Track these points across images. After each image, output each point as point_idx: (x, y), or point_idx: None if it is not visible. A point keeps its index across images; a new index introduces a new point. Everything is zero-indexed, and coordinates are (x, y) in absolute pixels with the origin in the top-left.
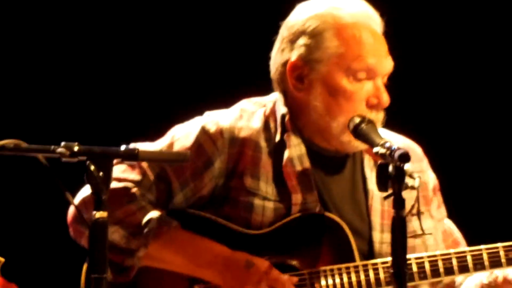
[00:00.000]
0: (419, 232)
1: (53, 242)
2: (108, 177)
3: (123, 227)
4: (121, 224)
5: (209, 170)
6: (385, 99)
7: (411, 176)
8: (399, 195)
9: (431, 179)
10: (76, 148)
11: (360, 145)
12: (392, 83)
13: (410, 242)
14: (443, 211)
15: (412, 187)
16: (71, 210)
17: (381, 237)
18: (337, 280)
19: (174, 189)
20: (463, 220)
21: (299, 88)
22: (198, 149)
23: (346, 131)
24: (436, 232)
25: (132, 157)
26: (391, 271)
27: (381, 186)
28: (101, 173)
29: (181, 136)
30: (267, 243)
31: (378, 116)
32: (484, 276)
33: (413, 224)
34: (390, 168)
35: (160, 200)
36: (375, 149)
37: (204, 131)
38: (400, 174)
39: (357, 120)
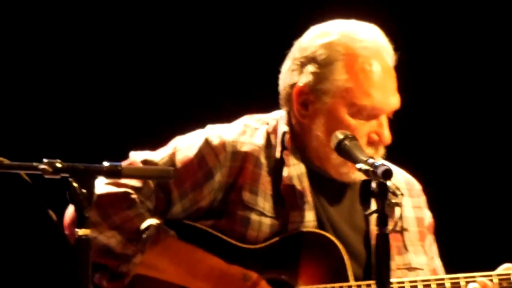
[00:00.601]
0: (413, 265)
1: (37, 258)
2: (91, 194)
3: (120, 232)
4: (118, 229)
5: (209, 183)
6: (386, 137)
7: (394, 193)
8: (383, 211)
9: (427, 217)
10: (58, 165)
11: (358, 176)
12: (395, 117)
13: (403, 273)
14: (434, 249)
15: (396, 204)
16: (69, 212)
17: None
18: None
19: (173, 199)
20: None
21: (303, 115)
22: (200, 160)
23: (345, 163)
24: (429, 268)
25: (115, 174)
26: None
27: (364, 203)
28: (84, 190)
29: (184, 147)
30: (261, 258)
31: (378, 152)
32: None
33: (408, 257)
34: (373, 184)
35: (159, 209)
36: (358, 166)
37: (207, 143)
38: (383, 190)
39: (340, 136)
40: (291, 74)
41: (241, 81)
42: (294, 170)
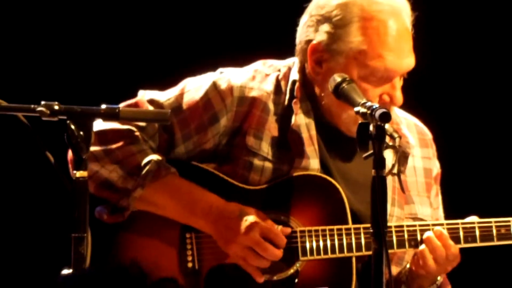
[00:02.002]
0: (419, 215)
1: (34, 200)
2: (88, 137)
3: (121, 167)
4: (120, 164)
5: (213, 126)
6: (398, 98)
7: (391, 135)
8: (379, 154)
9: (436, 167)
10: (56, 107)
11: None
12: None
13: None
14: (439, 200)
15: (393, 147)
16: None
17: (392, 210)
18: (328, 241)
19: (177, 140)
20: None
21: (317, 72)
22: (206, 103)
23: (356, 123)
24: (430, 220)
25: (113, 116)
26: (371, 231)
27: (362, 146)
28: (81, 133)
29: (192, 88)
30: (262, 199)
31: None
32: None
33: (415, 207)
34: (371, 127)
35: (161, 149)
36: (356, 109)
37: (214, 87)
38: (381, 133)
39: (338, 79)
40: (307, 30)
41: (259, 26)
42: (303, 118)
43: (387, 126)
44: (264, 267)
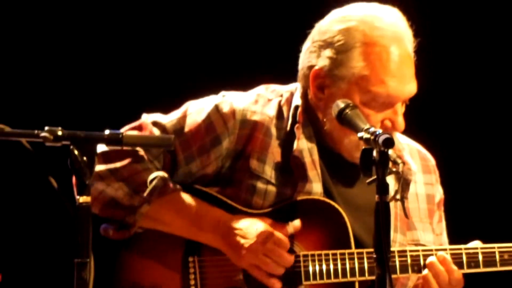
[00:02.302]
0: (421, 241)
1: (38, 225)
2: (92, 162)
3: (127, 184)
4: (125, 181)
5: (216, 148)
6: (400, 124)
7: (394, 161)
8: (383, 180)
9: (439, 193)
10: (59, 133)
11: None
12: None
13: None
14: (442, 226)
15: (396, 172)
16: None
17: (394, 236)
18: (331, 266)
19: (179, 162)
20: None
21: (319, 97)
22: (208, 126)
23: (358, 148)
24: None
25: (116, 141)
26: (374, 256)
27: (365, 171)
28: (84, 158)
29: (194, 111)
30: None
31: None
32: None
33: (417, 233)
34: (374, 153)
35: (166, 170)
36: (359, 134)
37: (217, 110)
38: (384, 159)
39: (341, 104)
40: (309, 56)
41: (262, 53)
42: (305, 143)
43: (390, 152)
44: (279, 275)
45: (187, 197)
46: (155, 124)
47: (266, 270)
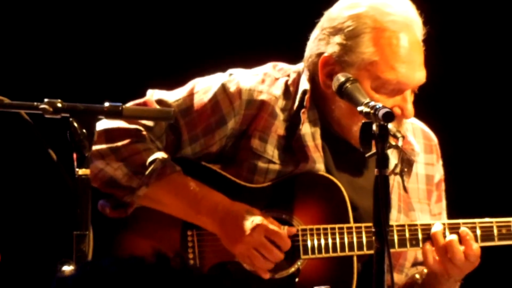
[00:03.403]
0: (416, 219)
1: (36, 197)
2: (91, 134)
3: (126, 164)
4: (125, 161)
5: (221, 129)
6: (410, 111)
7: (394, 135)
8: (382, 153)
9: (439, 173)
10: (59, 105)
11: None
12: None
13: None
14: (441, 206)
15: (396, 147)
16: None
17: (398, 217)
18: (329, 240)
19: (183, 142)
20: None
21: (328, 85)
22: (214, 105)
23: None
24: None
25: (116, 113)
26: (373, 230)
27: (365, 145)
28: (84, 130)
29: (200, 89)
30: (265, 197)
31: (401, 126)
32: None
33: (415, 214)
34: (374, 127)
35: (168, 150)
36: (359, 108)
37: (223, 89)
38: (384, 133)
39: (342, 78)
40: (318, 43)
41: (269, 27)
42: (308, 128)
43: (390, 125)
44: (268, 268)
45: (186, 179)
46: (160, 102)
47: (255, 263)
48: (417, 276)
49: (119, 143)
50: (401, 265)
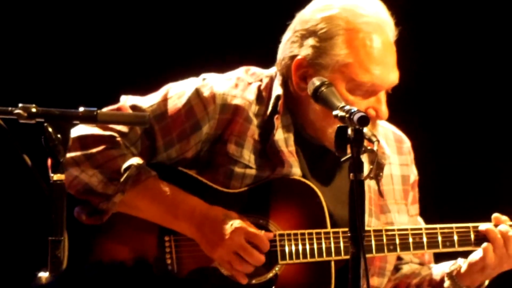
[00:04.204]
0: (396, 224)
1: (11, 203)
2: (66, 139)
3: (101, 171)
4: (100, 168)
5: (196, 134)
6: (384, 112)
7: (369, 139)
8: (358, 158)
9: (413, 174)
10: (33, 110)
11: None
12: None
13: None
14: (416, 208)
15: (371, 151)
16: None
17: (369, 221)
18: (307, 245)
19: (158, 148)
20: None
21: (302, 88)
22: (188, 111)
23: None
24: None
25: (91, 118)
26: (349, 234)
27: (340, 150)
28: (59, 135)
29: (174, 94)
30: (241, 202)
31: (375, 127)
32: (447, 266)
33: (391, 216)
34: (349, 131)
35: (143, 156)
36: (335, 112)
37: (197, 94)
38: (359, 137)
39: (317, 82)
40: (291, 46)
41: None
42: (281, 133)
43: (365, 130)
44: (248, 272)
45: (163, 185)
46: (134, 108)
47: (235, 267)
48: (448, 269)
49: (94, 150)
50: (381, 268)
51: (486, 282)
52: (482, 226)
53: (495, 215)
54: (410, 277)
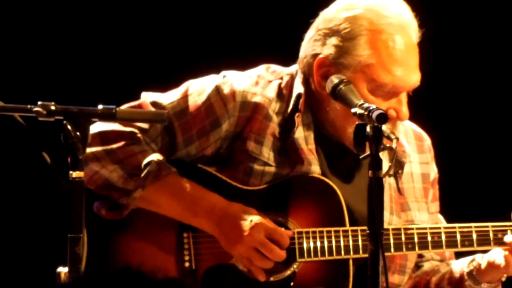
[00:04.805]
0: (416, 222)
1: (30, 200)
2: (85, 137)
3: (122, 167)
4: (121, 164)
5: (215, 131)
6: (405, 114)
7: (388, 137)
8: (376, 155)
9: (433, 172)
10: (52, 108)
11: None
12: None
13: None
14: (437, 205)
15: (390, 148)
16: None
17: (390, 219)
18: (325, 243)
19: (178, 144)
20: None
21: (323, 86)
22: (208, 108)
23: None
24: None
25: (109, 116)
26: (367, 231)
27: (358, 147)
28: (78, 133)
29: (194, 91)
30: (260, 199)
31: (395, 128)
32: (466, 263)
33: (411, 213)
34: (368, 128)
35: (163, 152)
36: (353, 110)
37: (217, 91)
38: (378, 134)
39: (335, 80)
40: (313, 44)
41: (262, 29)
42: (302, 131)
43: (384, 127)
44: (268, 268)
45: (182, 181)
46: (155, 104)
47: (255, 263)
48: (467, 269)
49: (114, 145)
50: (402, 266)
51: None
52: (507, 238)
53: None
54: (429, 274)
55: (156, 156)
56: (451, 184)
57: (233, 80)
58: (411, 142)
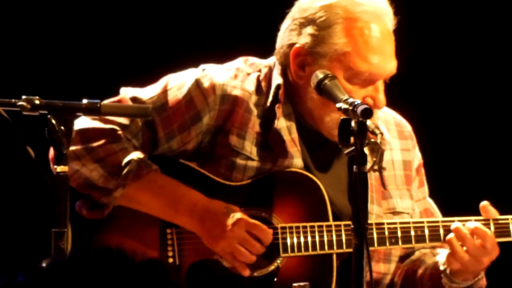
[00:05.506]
0: (398, 209)
1: (14, 195)
2: (69, 131)
3: (102, 166)
4: (101, 162)
5: (196, 125)
6: (381, 101)
7: (373, 132)
8: (361, 150)
9: (417, 158)
10: (37, 102)
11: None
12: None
13: (389, 218)
14: (424, 190)
15: (374, 143)
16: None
17: (371, 208)
18: (309, 238)
19: (160, 139)
20: (445, 197)
21: (300, 76)
22: (189, 102)
23: (337, 126)
24: (413, 212)
25: (94, 110)
26: (352, 226)
27: (343, 142)
28: (62, 127)
29: (174, 85)
30: (244, 195)
31: (373, 116)
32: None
33: (393, 201)
34: (353, 123)
35: (145, 148)
36: (338, 105)
37: (197, 85)
38: (362, 129)
39: (320, 75)
40: (289, 34)
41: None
42: (283, 122)
43: (368, 122)
44: (251, 263)
45: (163, 178)
46: (135, 99)
47: (238, 258)
48: (442, 267)
49: (95, 144)
50: (387, 254)
51: (481, 274)
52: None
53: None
54: (416, 263)
55: (136, 154)
56: (432, 173)
57: (212, 74)
58: (392, 128)
